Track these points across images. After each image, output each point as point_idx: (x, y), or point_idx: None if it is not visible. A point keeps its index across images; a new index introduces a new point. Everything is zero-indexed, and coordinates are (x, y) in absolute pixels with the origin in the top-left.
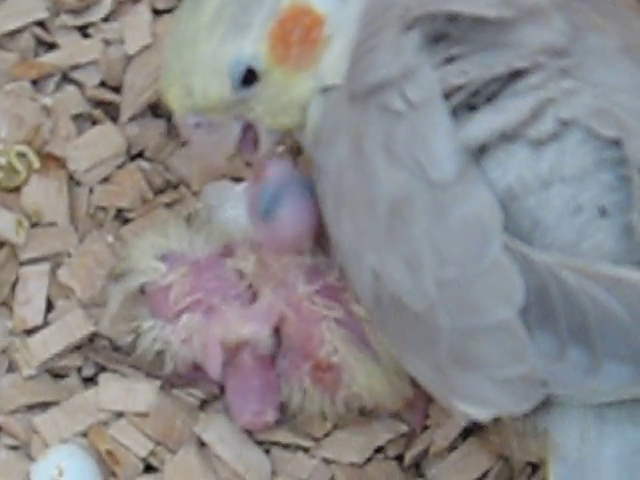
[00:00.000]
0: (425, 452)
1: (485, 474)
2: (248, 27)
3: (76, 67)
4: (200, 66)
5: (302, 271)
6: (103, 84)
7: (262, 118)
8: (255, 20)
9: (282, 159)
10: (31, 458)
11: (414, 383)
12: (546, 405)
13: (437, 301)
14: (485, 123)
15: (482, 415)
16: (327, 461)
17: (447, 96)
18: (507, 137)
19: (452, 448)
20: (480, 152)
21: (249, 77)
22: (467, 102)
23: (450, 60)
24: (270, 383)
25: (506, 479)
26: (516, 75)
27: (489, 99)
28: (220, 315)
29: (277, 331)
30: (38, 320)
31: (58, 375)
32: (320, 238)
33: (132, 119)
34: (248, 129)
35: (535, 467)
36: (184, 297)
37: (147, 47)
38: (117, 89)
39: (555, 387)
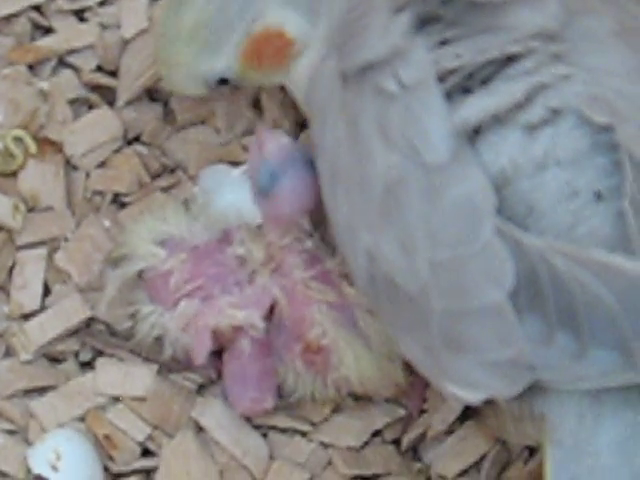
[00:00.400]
0: (422, 436)
1: (482, 458)
2: (221, 48)
3: (72, 51)
4: (178, 69)
5: (300, 257)
6: (99, 68)
7: (255, 86)
8: (228, 41)
9: (282, 135)
10: (28, 443)
11: (411, 369)
12: (542, 389)
13: (429, 282)
14: (478, 106)
15: (472, 398)
16: (324, 445)
17: (441, 79)
18: (500, 120)
19: (449, 432)
20: (473, 135)
21: (223, 80)
22: (461, 85)
23: (444, 43)
24: (267, 369)
25: (503, 463)
26: (510, 59)
27: (483, 82)
28: (213, 302)
29: (271, 314)
30: (35, 305)
31: (55, 360)
32: (321, 220)
33: (129, 103)
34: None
35: (532, 450)
36: (184, 283)
37: (143, 31)
38: (113, 73)
39: (542, 371)
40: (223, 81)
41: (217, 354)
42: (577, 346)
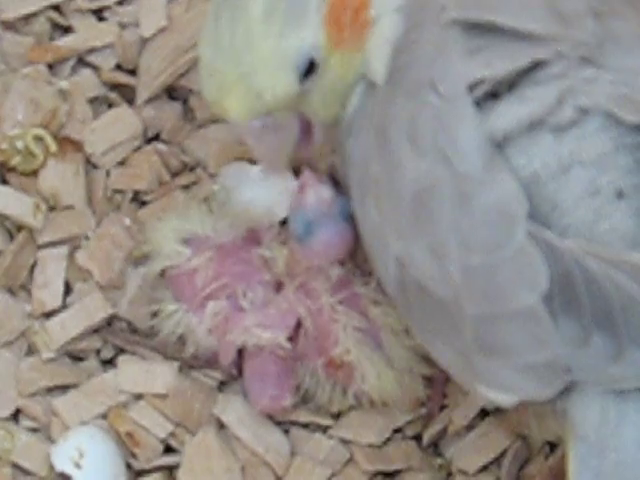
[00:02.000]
0: (443, 431)
1: (503, 453)
2: (304, 17)
3: (92, 50)
4: (263, 65)
5: (328, 281)
6: (119, 67)
7: (317, 109)
8: (309, 9)
9: (325, 187)
10: (51, 440)
11: (430, 383)
12: (566, 386)
13: (462, 288)
14: (510, 114)
15: (506, 400)
16: (345, 441)
17: (471, 88)
18: (531, 125)
19: (470, 427)
20: (504, 140)
21: (310, 68)
22: (490, 91)
23: (475, 50)
24: (287, 367)
25: (524, 458)
26: (537, 64)
27: (511, 86)
28: (240, 317)
29: (296, 330)
30: (57, 303)
31: (77, 358)
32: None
33: (148, 102)
34: (303, 123)
35: (553, 446)
36: (209, 282)
37: (162, 30)
38: (133, 72)
39: (578, 373)
40: (310, 70)
41: (238, 352)
42: (614, 347)
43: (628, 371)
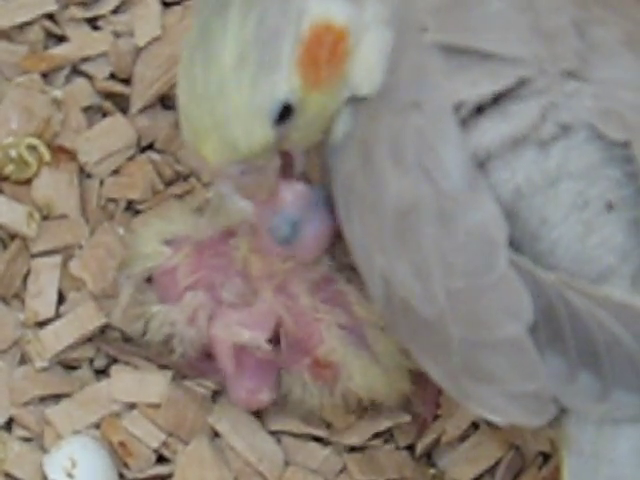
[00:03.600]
0: (436, 441)
1: (497, 463)
2: (276, 64)
3: (86, 59)
4: (237, 115)
5: (306, 281)
6: (113, 76)
7: (298, 142)
8: (282, 54)
9: (295, 182)
10: (44, 450)
11: (417, 378)
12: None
13: (447, 310)
14: (493, 131)
15: (498, 420)
16: (338, 450)
17: (457, 107)
18: (514, 142)
19: (464, 437)
20: (487, 156)
21: (286, 112)
22: (474, 108)
23: (459, 68)
24: (265, 362)
25: (517, 468)
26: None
27: (494, 100)
28: (222, 313)
29: (277, 330)
30: (50, 312)
31: (70, 367)
32: (336, 241)
33: (142, 111)
34: (283, 157)
35: (547, 457)
36: (188, 276)
37: (157, 39)
38: (127, 81)
39: (568, 406)
40: (285, 115)
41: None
42: (600, 387)
43: (614, 412)
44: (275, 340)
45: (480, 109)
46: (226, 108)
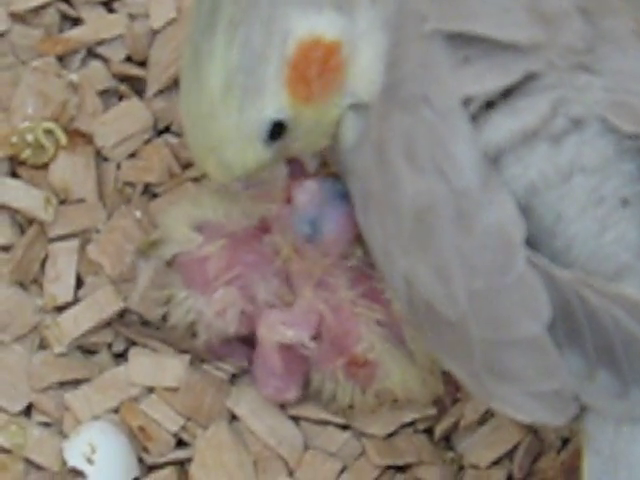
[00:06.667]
0: (455, 425)
1: (515, 447)
2: (262, 86)
3: (101, 42)
4: (228, 141)
5: (345, 275)
6: (129, 59)
7: (302, 150)
8: (266, 77)
9: (311, 180)
10: (64, 435)
11: (449, 378)
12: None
13: (468, 311)
14: (504, 127)
15: (521, 418)
16: (358, 434)
17: (465, 103)
18: (525, 137)
19: (482, 421)
20: (499, 152)
21: (278, 130)
22: (483, 103)
23: (464, 61)
24: (295, 360)
25: (536, 453)
26: (530, 75)
27: (504, 95)
28: (264, 317)
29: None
30: (68, 297)
31: (89, 351)
32: None
33: (158, 94)
34: (291, 160)
35: (565, 441)
36: (222, 271)
37: (172, 21)
38: (143, 64)
39: (588, 403)
40: (278, 132)
41: (248, 341)
42: (619, 385)
43: (635, 410)
44: (314, 337)
45: (489, 104)
46: (218, 132)
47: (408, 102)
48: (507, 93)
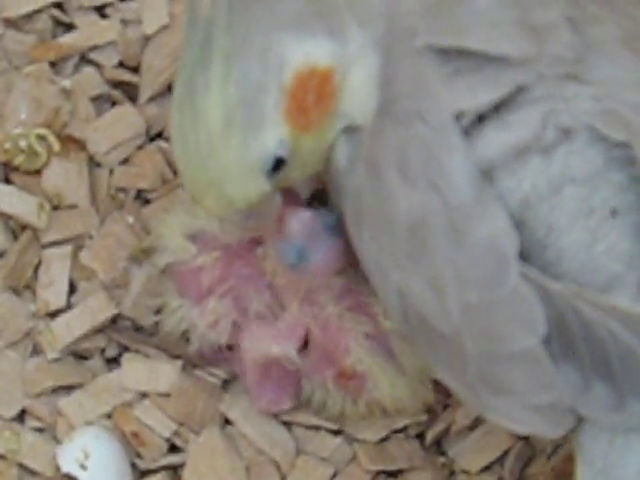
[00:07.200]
0: (446, 431)
1: (506, 453)
2: (263, 120)
3: (94, 48)
4: (230, 176)
5: (332, 289)
6: (121, 65)
7: (296, 178)
8: (266, 110)
9: (304, 210)
10: (57, 440)
11: (439, 388)
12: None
13: (462, 324)
14: (496, 141)
15: (517, 430)
16: (349, 440)
17: (457, 117)
18: (518, 151)
19: (473, 427)
20: (492, 166)
21: (279, 162)
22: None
23: (455, 74)
24: (288, 372)
25: (527, 458)
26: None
27: (495, 108)
28: (250, 330)
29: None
30: (61, 303)
31: (82, 357)
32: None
33: (151, 99)
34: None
35: (556, 446)
36: (215, 282)
37: (165, 27)
38: (135, 69)
39: (584, 415)
40: (278, 164)
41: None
42: (615, 397)
43: (630, 422)
44: (300, 350)
45: (481, 118)
46: (218, 168)
47: (401, 117)
48: (498, 106)
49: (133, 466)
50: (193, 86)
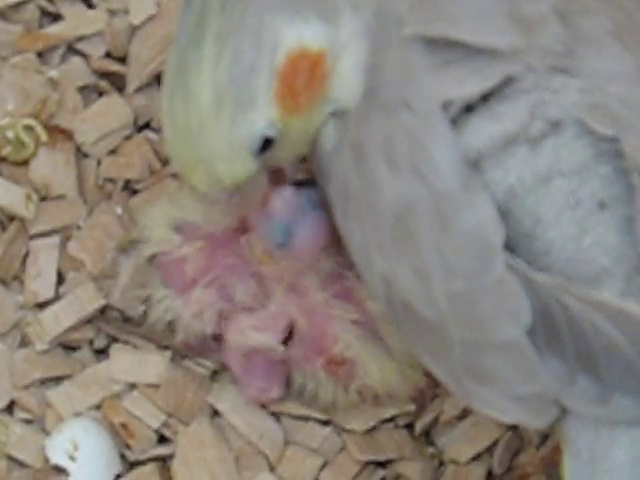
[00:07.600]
0: (435, 421)
1: (495, 443)
2: (254, 100)
3: (81, 38)
4: (218, 154)
5: (317, 277)
6: (108, 55)
7: (284, 159)
8: (257, 90)
9: (289, 188)
10: (46, 432)
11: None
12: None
13: (447, 312)
14: (484, 132)
15: (502, 419)
16: (338, 430)
17: (445, 106)
18: (505, 142)
19: (462, 417)
20: (479, 156)
21: (267, 143)
22: (463, 107)
23: (443, 64)
24: (276, 361)
25: (516, 448)
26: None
27: (483, 99)
28: (234, 321)
29: (290, 332)
30: (49, 294)
31: (70, 348)
32: (340, 238)
33: (138, 90)
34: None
35: (545, 436)
36: (200, 272)
37: (152, 17)
38: (123, 60)
39: (568, 407)
40: (267, 145)
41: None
42: (599, 390)
43: (615, 415)
44: (288, 340)
45: (469, 108)
46: (207, 146)
47: (388, 105)
48: (486, 97)
49: (122, 457)
50: (185, 65)
